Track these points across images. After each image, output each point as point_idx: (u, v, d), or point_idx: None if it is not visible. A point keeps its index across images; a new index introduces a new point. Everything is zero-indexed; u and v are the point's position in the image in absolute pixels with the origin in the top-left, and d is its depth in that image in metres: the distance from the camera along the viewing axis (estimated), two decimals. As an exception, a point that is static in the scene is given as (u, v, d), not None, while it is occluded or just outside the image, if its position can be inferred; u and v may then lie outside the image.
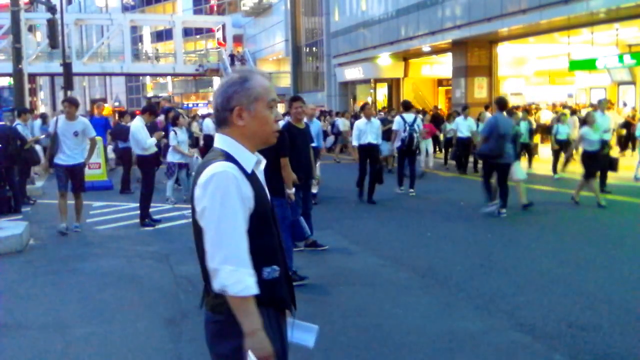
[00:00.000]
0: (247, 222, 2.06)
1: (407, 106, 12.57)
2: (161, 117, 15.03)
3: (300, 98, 7.24)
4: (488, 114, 14.84)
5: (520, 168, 10.16)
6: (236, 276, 1.97)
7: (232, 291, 1.98)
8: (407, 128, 11.75)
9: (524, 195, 10.05)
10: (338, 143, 20.90)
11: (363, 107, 11.70)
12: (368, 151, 10.88)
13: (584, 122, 10.58)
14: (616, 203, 10.48)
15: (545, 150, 18.83)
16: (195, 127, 16.76)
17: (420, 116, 14.41)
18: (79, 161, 8.62)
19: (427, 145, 16.11)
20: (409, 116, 11.99)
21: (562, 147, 13.93)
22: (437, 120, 18.91)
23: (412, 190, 11.96)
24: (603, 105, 12.55)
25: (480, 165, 12.17)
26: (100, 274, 6.63)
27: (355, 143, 10.94)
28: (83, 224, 8.98)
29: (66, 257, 7.42)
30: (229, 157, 2.08)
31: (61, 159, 8.53)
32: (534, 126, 16.89)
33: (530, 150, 15.68)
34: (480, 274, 6.41)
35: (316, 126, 11.23)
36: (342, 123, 20.72)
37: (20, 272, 6.77)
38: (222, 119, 2.15)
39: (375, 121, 11.23)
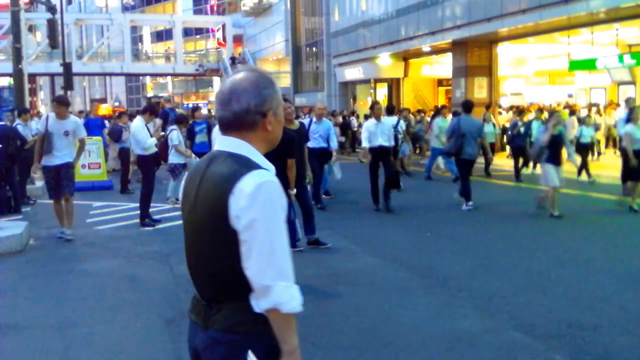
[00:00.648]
0: None
1: (390, 110, 14.00)
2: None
3: (287, 99, 7.32)
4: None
5: (556, 173, 9.39)
6: (291, 292, 1.85)
7: (286, 308, 1.84)
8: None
9: (556, 205, 9.42)
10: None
11: (372, 107, 10.87)
12: (379, 154, 10.08)
13: (628, 119, 10.11)
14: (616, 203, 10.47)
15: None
16: None
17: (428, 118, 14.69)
18: (66, 160, 8.08)
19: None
20: (392, 119, 13.04)
21: (586, 150, 13.58)
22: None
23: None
24: (631, 103, 12.07)
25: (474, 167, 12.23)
26: (100, 274, 6.63)
27: (365, 144, 10.23)
28: (83, 224, 8.94)
29: (66, 257, 7.42)
30: (257, 165, 1.95)
31: (48, 160, 8.05)
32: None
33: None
34: (480, 274, 6.42)
35: (326, 126, 10.73)
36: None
37: (20, 272, 6.77)
38: (250, 122, 1.98)
39: (386, 122, 10.52)
